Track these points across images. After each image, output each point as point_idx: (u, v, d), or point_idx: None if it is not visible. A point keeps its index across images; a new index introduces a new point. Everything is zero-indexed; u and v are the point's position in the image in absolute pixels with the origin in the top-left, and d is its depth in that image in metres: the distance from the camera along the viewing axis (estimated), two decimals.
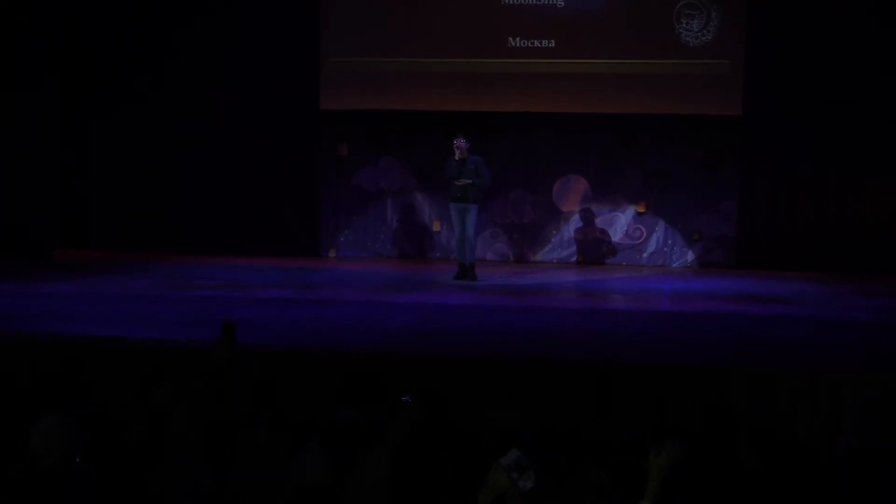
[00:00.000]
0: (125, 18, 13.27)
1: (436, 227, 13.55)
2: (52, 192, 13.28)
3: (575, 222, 13.41)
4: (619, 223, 13.34)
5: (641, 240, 13.31)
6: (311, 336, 8.06)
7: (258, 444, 4.71)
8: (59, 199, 13.40)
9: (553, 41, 13.00)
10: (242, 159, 13.38)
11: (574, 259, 13.41)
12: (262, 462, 4.58)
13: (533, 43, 13.03)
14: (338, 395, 6.49)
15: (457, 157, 11.13)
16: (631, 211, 13.32)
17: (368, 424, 5.21)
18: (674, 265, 13.20)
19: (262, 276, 11.55)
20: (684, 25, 12.79)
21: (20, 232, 12.87)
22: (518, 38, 13.05)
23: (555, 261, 13.39)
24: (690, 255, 13.23)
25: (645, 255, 13.29)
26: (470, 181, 11.08)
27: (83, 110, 13.46)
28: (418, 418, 5.33)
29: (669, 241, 13.28)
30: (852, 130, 12.47)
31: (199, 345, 7.03)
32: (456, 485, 4.15)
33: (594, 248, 13.39)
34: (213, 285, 10.67)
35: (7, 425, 4.84)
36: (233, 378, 5.55)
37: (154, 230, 13.36)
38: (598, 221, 13.36)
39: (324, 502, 3.88)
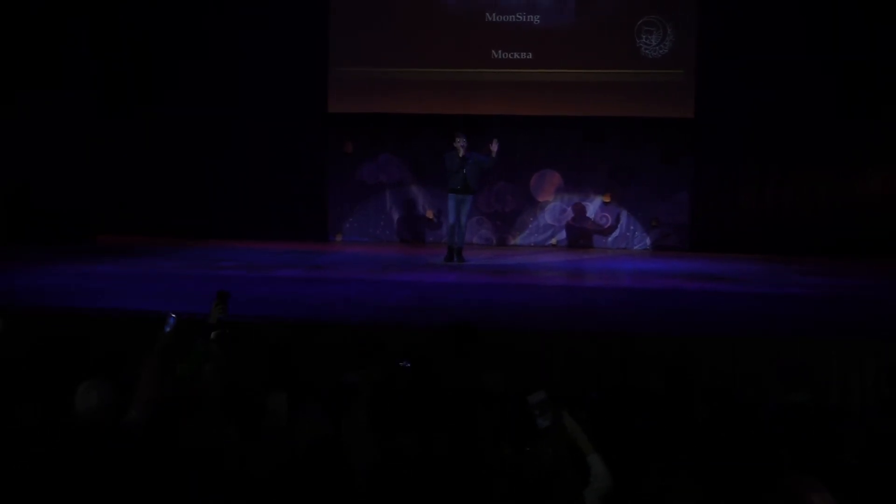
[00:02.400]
0: (161, 30, 13.24)
1: (429, 215, 13.55)
2: (98, 184, 13.27)
3: (550, 210, 13.42)
4: (588, 211, 13.36)
5: (607, 226, 13.34)
6: (321, 310, 8.06)
7: (276, 406, 4.69)
8: (104, 190, 13.38)
9: (530, 53, 13.01)
10: (260, 156, 13.38)
11: (549, 242, 13.43)
12: (279, 421, 4.57)
13: (513, 55, 13.03)
14: (344, 360, 6.51)
15: (459, 153, 11.09)
16: (598, 200, 13.34)
17: (364, 385, 5.20)
18: (635, 248, 13.23)
19: (277, 257, 11.54)
20: (644, 40, 12.80)
21: (69, 219, 12.87)
22: (500, 51, 13.04)
23: (532, 244, 13.42)
24: (649, 239, 13.26)
25: (610, 239, 13.32)
26: (493, 153, 11.07)
27: (126, 113, 13.43)
28: (391, 376, 5.32)
29: (631, 227, 13.31)
30: (787, 130, 12.57)
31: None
32: (446, 435, 4.15)
33: (566, 233, 13.41)
34: (234, 266, 10.66)
35: (56, 389, 4.84)
36: (228, 341, 5.51)
37: (184, 218, 13.37)
38: (570, 210, 13.37)
39: (330, 452, 3.89)
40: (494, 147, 11.07)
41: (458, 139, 11.09)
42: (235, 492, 3.67)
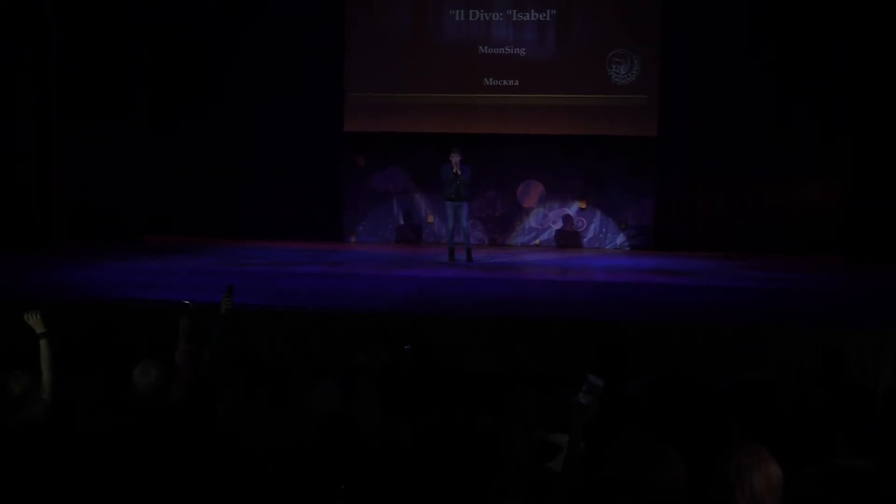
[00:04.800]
0: (198, 57, 13.25)
1: (429, 219, 13.55)
2: (145, 190, 13.27)
3: (534, 215, 13.43)
4: (567, 216, 13.37)
5: (583, 228, 13.35)
6: (337, 300, 8.07)
7: (295, 384, 4.68)
8: (151, 195, 13.39)
9: (517, 80, 13.00)
10: (286, 168, 13.36)
11: (533, 243, 13.44)
12: (296, 398, 4.55)
13: (502, 82, 13.03)
14: (356, 343, 6.51)
15: (453, 167, 11.02)
16: (575, 206, 13.33)
17: (375, 366, 5.19)
18: (607, 247, 13.23)
19: (299, 255, 11.55)
20: (614, 69, 12.81)
21: (118, 221, 12.87)
22: (491, 78, 13.05)
23: (519, 244, 13.42)
24: (620, 240, 13.27)
25: (586, 239, 13.32)
26: (466, 184, 11.00)
27: (169, 129, 13.44)
28: (396, 358, 5.30)
29: (604, 229, 13.30)
30: (736, 146, 12.58)
31: (248, 308, 7.00)
32: (443, 408, 4.16)
33: (548, 235, 13.42)
34: (262, 262, 10.68)
35: (114, 368, 4.85)
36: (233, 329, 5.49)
37: (219, 221, 13.34)
38: (551, 215, 13.38)
39: (343, 423, 3.89)
40: (455, 158, 10.92)
41: (452, 155, 11.04)
42: (260, 460, 3.66)
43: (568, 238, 13.34)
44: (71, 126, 12.29)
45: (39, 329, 4.74)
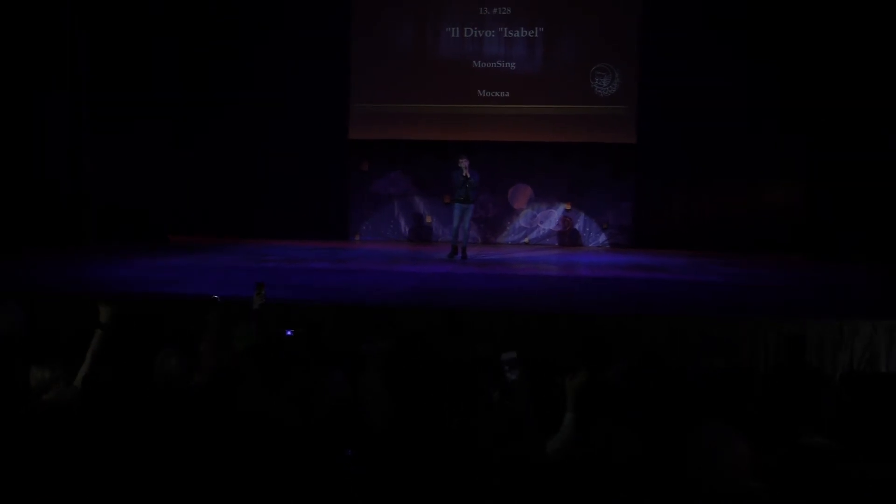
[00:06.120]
0: (218, 74, 13.25)
1: (428, 219, 13.56)
2: (169, 194, 13.26)
3: (523, 216, 13.45)
4: (553, 216, 13.39)
5: (568, 228, 13.37)
6: (344, 294, 8.07)
7: (306, 372, 4.66)
8: (175, 199, 13.38)
9: (508, 92, 13.04)
10: (296, 173, 13.40)
11: (522, 241, 13.46)
12: (307, 385, 4.54)
13: (494, 93, 13.06)
14: (362, 333, 6.51)
15: (463, 172, 10.93)
16: (561, 208, 13.37)
17: (379, 355, 5.17)
18: (590, 245, 13.27)
19: (309, 253, 11.55)
20: (597, 82, 12.85)
21: (146, 222, 12.86)
22: (484, 90, 13.07)
23: (509, 243, 13.45)
24: (601, 238, 13.30)
25: (570, 238, 13.35)
26: (474, 186, 10.98)
27: (192, 135, 13.44)
28: (396, 347, 5.29)
29: (587, 229, 13.34)
30: (708, 152, 12.64)
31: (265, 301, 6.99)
32: (442, 392, 4.16)
33: (536, 234, 13.44)
34: (275, 259, 10.67)
35: (137, 357, 4.85)
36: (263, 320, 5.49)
37: (236, 222, 13.39)
38: (539, 215, 13.40)
39: (349, 413, 3.88)
40: (464, 163, 10.91)
41: (461, 160, 10.97)
42: (273, 440, 3.66)
43: (547, 234, 13.39)
44: (100, 132, 12.26)
45: (104, 319, 4.76)
